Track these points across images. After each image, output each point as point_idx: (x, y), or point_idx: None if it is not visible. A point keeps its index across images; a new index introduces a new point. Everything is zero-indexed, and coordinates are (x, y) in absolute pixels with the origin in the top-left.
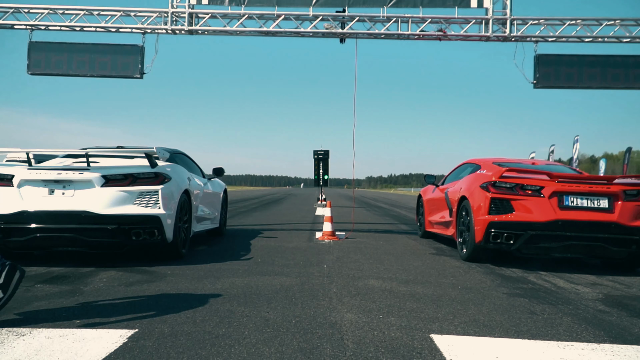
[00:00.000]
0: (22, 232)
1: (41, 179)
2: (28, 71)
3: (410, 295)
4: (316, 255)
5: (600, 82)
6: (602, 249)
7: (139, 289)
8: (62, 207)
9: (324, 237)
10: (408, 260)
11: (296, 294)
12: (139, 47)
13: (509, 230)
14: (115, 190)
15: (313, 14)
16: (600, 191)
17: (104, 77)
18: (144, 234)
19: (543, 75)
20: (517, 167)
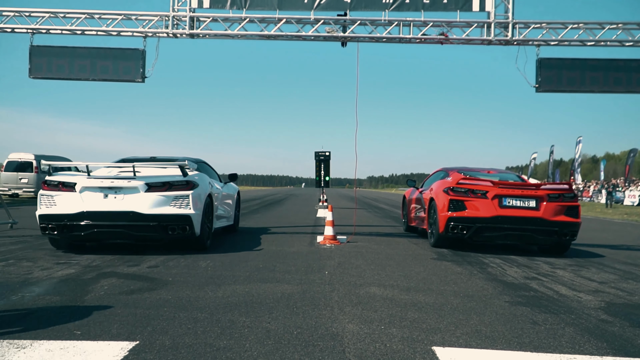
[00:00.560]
0: (83, 228)
1: (97, 186)
2: (30, 75)
3: (412, 304)
4: (317, 261)
5: (602, 86)
6: (531, 237)
7: (139, 297)
8: (114, 208)
9: (326, 241)
10: (410, 266)
11: (297, 302)
12: (140, 51)
13: (462, 223)
14: (156, 195)
15: (314, 18)
16: (529, 194)
17: (105, 81)
18: (178, 230)
19: (545, 79)
20: (473, 176)
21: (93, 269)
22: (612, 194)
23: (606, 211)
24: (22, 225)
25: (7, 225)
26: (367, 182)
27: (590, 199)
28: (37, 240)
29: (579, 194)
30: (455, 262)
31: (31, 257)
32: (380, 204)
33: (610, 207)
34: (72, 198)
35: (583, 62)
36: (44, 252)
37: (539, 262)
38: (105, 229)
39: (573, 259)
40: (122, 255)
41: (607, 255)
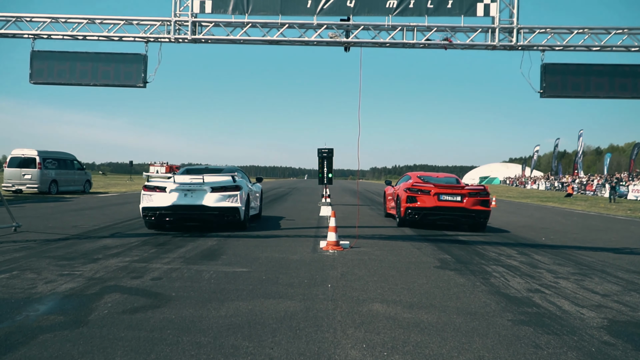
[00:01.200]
0: (171, 215)
1: (180, 189)
2: (31, 80)
3: (415, 325)
4: (320, 271)
5: (607, 91)
6: (458, 219)
7: (143, 317)
8: (191, 203)
9: (328, 246)
10: (412, 276)
11: (300, 323)
12: (141, 56)
13: (415, 211)
14: (217, 194)
15: (317, 23)
16: (457, 192)
17: (107, 87)
18: (230, 216)
19: (550, 85)
20: (426, 180)
21: (96, 282)
22: (616, 188)
23: (609, 207)
24: (25, 227)
25: (10, 229)
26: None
27: (593, 193)
28: (41, 247)
29: (582, 187)
30: (457, 271)
31: (35, 268)
32: (382, 199)
33: (614, 202)
34: (163, 196)
35: (588, 67)
36: (47, 261)
37: (541, 270)
38: (185, 216)
39: (577, 266)
40: (126, 265)
41: (610, 262)
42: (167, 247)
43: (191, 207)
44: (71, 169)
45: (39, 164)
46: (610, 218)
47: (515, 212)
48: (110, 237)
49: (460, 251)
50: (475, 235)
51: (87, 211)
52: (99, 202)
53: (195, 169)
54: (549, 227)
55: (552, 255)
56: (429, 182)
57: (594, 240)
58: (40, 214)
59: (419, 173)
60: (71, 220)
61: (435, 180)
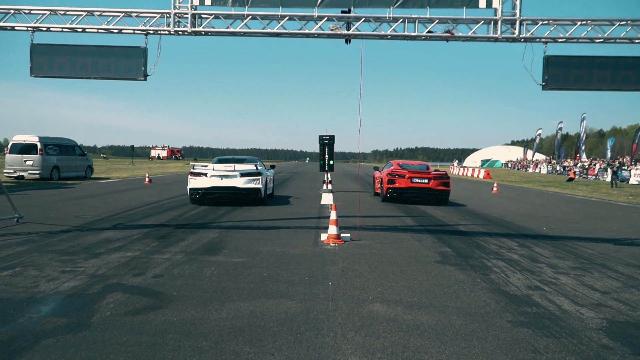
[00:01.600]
0: (211, 194)
1: (217, 175)
2: (31, 74)
3: (415, 327)
4: (321, 267)
5: (610, 84)
6: (425, 196)
7: (145, 319)
8: (225, 185)
9: (329, 240)
10: (413, 272)
11: (301, 326)
12: (141, 49)
13: (393, 190)
14: (245, 178)
15: (318, 15)
16: (425, 176)
17: (107, 80)
18: (253, 195)
19: (552, 78)
20: (404, 167)
21: (98, 280)
22: (618, 173)
23: (611, 192)
24: (28, 217)
25: (12, 220)
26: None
27: (595, 177)
28: (43, 240)
29: (584, 171)
30: (458, 266)
31: (37, 264)
32: None
33: (616, 186)
34: (205, 180)
35: (591, 59)
36: (50, 257)
37: (542, 265)
38: (221, 194)
39: (577, 259)
40: (128, 261)
41: (610, 254)
42: (169, 241)
43: (226, 187)
44: (72, 155)
45: (40, 150)
46: (611, 204)
47: (516, 198)
48: (112, 230)
49: (461, 243)
50: (476, 226)
51: (88, 199)
52: (100, 188)
53: (226, 158)
54: (550, 215)
55: (553, 248)
56: (405, 168)
57: (595, 230)
58: (42, 203)
59: (400, 161)
60: (73, 210)
61: (410, 167)
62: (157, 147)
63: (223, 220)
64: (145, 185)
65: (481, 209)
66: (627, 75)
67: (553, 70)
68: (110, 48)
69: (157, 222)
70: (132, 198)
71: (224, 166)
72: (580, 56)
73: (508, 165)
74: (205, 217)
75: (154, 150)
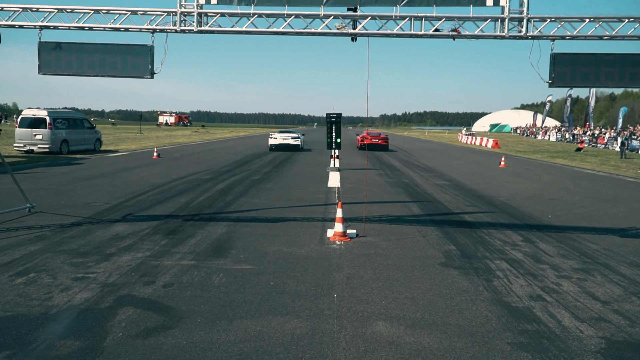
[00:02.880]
0: (278, 148)
1: (281, 138)
2: (39, 72)
3: (417, 353)
4: (327, 274)
5: (617, 81)
6: (375, 147)
7: (155, 343)
8: (285, 142)
9: (335, 237)
10: (417, 279)
11: (306, 353)
12: (148, 47)
13: (362, 145)
14: (293, 140)
15: (324, 14)
16: (377, 138)
17: (114, 77)
18: (296, 147)
19: (559, 75)
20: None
21: (110, 290)
22: (628, 143)
23: (620, 165)
24: (39, 204)
25: (25, 210)
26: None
27: (605, 146)
28: (55, 235)
29: (593, 140)
30: (461, 269)
31: (50, 268)
32: (391, 159)
33: (625, 157)
34: (276, 140)
35: (598, 57)
36: (62, 259)
37: (545, 266)
38: (283, 147)
39: (580, 258)
40: (138, 265)
41: (614, 250)
42: (178, 237)
43: (285, 144)
44: (81, 128)
45: (49, 124)
46: (619, 181)
47: (523, 174)
48: (121, 222)
49: (465, 239)
50: (482, 214)
51: (98, 180)
52: (109, 165)
53: (282, 130)
54: (557, 197)
55: (557, 243)
56: (369, 135)
57: (601, 217)
58: (52, 184)
59: (368, 130)
60: (83, 195)
61: (371, 134)
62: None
63: (230, 209)
64: (153, 160)
65: (487, 191)
66: (634, 73)
67: (560, 68)
68: (117, 46)
69: (166, 211)
70: (140, 178)
71: (283, 135)
72: (587, 54)
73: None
74: (213, 205)
75: (161, 117)
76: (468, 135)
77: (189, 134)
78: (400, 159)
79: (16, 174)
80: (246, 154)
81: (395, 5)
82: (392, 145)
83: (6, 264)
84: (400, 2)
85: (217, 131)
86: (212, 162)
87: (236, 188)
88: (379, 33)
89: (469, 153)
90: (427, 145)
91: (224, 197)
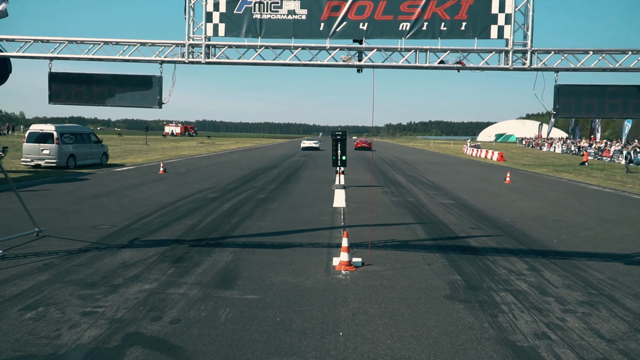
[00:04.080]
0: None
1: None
2: (49, 101)
3: None
4: (333, 309)
5: (621, 112)
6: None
7: None
8: (311, 146)
9: (341, 266)
10: (422, 314)
11: None
12: (157, 77)
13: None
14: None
15: (330, 46)
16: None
17: (124, 107)
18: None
19: (563, 107)
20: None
21: (118, 327)
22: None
23: (626, 180)
24: (47, 228)
25: (33, 234)
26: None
27: (610, 159)
28: (63, 263)
29: (599, 152)
30: (467, 303)
31: (59, 301)
32: (397, 175)
33: (630, 172)
34: (305, 144)
35: (602, 88)
36: (70, 290)
37: (550, 299)
38: (309, 149)
39: (586, 289)
40: (145, 297)
41: (620, 279)
42: (185, 266)
43: (310, 147)
44: (88, 143)
45: (56, 139)
46: (625, 199)
47: (529, 191)
48: (128, 248)
49: (470, 267)
50: (487, 238)
51: (104, 199)
52: (115, 182)
53: (309, 138)
54: (562, 217)
55: (562, 272)
56: (361, 141)
57: (606, 241)
58: (59, 204)
59: (360, 138)
60: (90, 217)
61: (362, 140)
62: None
63: (237, 233)
64: (159, 176)
65: (493, 211)
66: (638, 104)
67: (564, 100)
68: (126, 77)
69: (173, 235)
70: (147, 197)
71: (309, 141)
72: (591, 85)
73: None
74: (219, 228)
75: (167, 127)
76: (473, 147)
77: (194, 145)
78: (406, 174)
79: (24, 191)
80: (252, 169)
81: (401, 38)
82: (396, 157)
83: (15, 296)
84: (406, 34)
85: (223, 142)
86: (217, 178)
87: (242, 209)
88: (384, 65)
89: (474, 167)
90: (432, 158)
91: (230, 218)
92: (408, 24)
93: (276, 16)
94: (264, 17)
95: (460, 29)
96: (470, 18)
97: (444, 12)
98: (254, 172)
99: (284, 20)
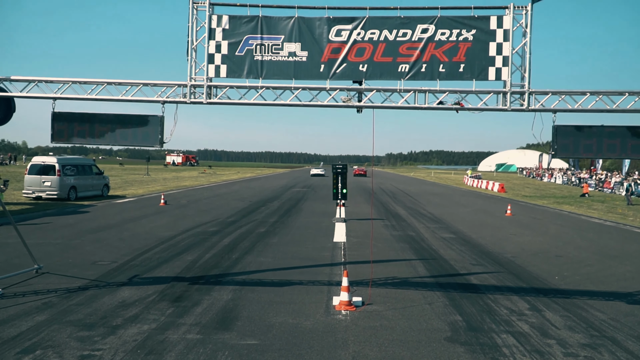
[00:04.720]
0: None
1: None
2: (52, 141)
3: None
4: (333, 352)
5: (620, 153)
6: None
7: None
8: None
9: (341, 306)
10: (423, 358)
11: None
12: (159, 117)
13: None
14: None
15: (330, 87)
16: (362, 171)
17: (126, 147)
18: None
19: (561, 147)
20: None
21: None
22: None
23: (627, 213)
24: (46, 264)
25: (32, 272)
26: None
27: (611, 191)
28: (61, 303)
29: (599, 184)
30: (467, 345)
31: (57, 344)
32: (397, 207)
33: (631, 204)
34: (313, 171)
35: (600, 129)
36: (68, 332)
37: (551, 341)
38: (317, 175)
39: (587, 331)
40: (143, 340)
41: (621, 320)
42: (184, 305)
43: (317, 173)
44: (89, 174)
45: (58, 171)
46: (626, 232)
47: (530, 225)
48: (128, 286)
49: (471, 307)
50: (487, 275)
51: (104, 233)
52: (116, 214)
53: (315, 167)
54: (563, 253)
55: (564, 312)
56: (357, 168)
57: (608, 278)
58: (59, 238)
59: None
60: (90, 252)
61: (359, 168)
62: (172, 152)
63: (237, 269)
64: (160, 208)
65: (494, 246)
66: (636, 145)
67: (562, 140)
68: (128, 117)
69: (172, 272)
70: (147, 231)
71: (316, 169)
72: (589, 126)
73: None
74: (219, 264)
75: (169, 157)
76: (474, 178)
77: (195, 175)
78: (407, 206)
79: (24, 224)
80: (252, 201)
81: (400, 79)
82: (397, 189)
83: (13, 338)
84: (405, 76)
85: (224, 172)
86: (218, 211)
87: (242, 243)
88: (384, 106)
89: (475, 198)
90: (433, 189)
91: (230, 254)
92: (407, 65)
93: (277, 58)
94: (265, 59)
95: (458, 71)
96: (468, 60)
97: (442, 55)
98: (254, 204)
99: (284, 62)
